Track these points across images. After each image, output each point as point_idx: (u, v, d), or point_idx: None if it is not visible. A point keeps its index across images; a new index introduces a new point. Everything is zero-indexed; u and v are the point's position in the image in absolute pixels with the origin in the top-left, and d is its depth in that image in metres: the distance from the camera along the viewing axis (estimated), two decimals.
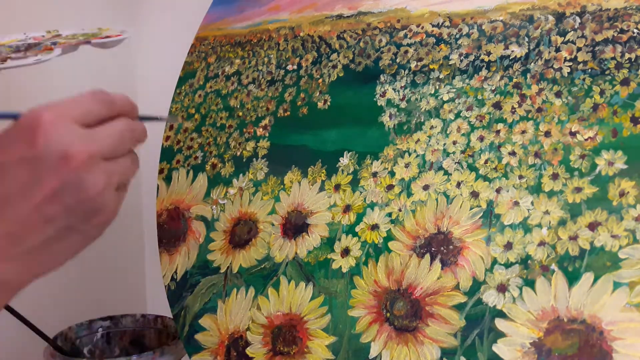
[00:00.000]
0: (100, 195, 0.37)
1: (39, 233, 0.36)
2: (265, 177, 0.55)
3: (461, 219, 0.44)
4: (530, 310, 0.39)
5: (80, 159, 0.35)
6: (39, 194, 0.35)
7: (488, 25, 0.48)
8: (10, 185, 0.35)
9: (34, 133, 0.35)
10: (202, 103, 0.62)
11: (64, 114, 0.36)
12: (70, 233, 0.37)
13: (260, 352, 0.49)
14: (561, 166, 0.42)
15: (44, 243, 0.36)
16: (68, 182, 0.35)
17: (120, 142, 0.39)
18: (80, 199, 0.36)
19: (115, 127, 0.39)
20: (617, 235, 0.38)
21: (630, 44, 0.42)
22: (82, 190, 0.36)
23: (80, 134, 0.36)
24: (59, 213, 0.36)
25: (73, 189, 0.35)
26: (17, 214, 0.35)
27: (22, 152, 0.35)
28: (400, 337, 0.43)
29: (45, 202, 0.35)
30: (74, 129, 0.36)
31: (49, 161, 0.35)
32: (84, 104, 0.38)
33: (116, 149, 0.39)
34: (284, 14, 0.60)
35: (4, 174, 0.35)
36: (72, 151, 0.35)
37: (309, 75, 0.56)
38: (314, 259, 0.49)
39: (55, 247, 0.37)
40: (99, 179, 0.36)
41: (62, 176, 0.35)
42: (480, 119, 0.46)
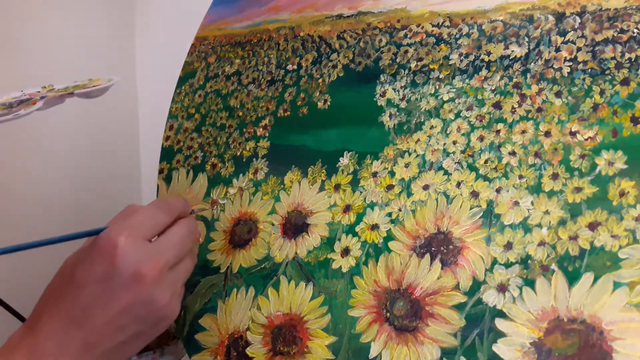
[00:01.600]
0: (169, 305, 0.42)
1: (112, 340, 0.41)
2: (265, 177, 0.55)
3: (461, 219, 0.44)
4: (530, 310, 0.39)
5: (151, 277, 0.40)
6: (115, 308, 0.40)
7: (488, 25, 0.48)
8: (89, 300, 0.40)
9: (111, 255, 0.40)
10: (202, 103, 0.62)
11: (135, 234, 0.41)
12: (139, 337, 0.42)
13: (260, 352, 0.49)
14: (561, 166, 0.42)
15: (115, 347, 0.41)
16: (140, 299, 0.40)
17: (183, 247, 0.44)
18: (151, 310, 0.41)
19: (177, 236, 0.44)
20: (617, 235, 0.38)
21: (630, 43, 0.42)
22: (152, 304, 0.41)
23: (149, 252, 0.41)
24: (131, 323, 0.41)
25: (144, 304, 0.41)
26: (94, 325, 0.40)
27: (101, 272, 0.40)
28: (400, 337, 0.43)
29: (120, 315, 0.40)
30: (144, 248, 0.41)
31: (124, 279, 0.40)
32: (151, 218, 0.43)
33: (180, 254, 0.44)
34: (284, 14, 0.60)
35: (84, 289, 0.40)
36: (143, 271, 0.40)
37: (309, 75, 0.56)
38: (314, 258, 0.49)
39: (126, 348, 0.42)
40: (167, 291, 0.42)
41: (135, 293, 0.40)
42: (480, 119, 0.46)
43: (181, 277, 0.45)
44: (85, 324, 0.40)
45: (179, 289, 0.44)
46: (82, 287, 0.40)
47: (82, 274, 0.41)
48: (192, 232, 0.46)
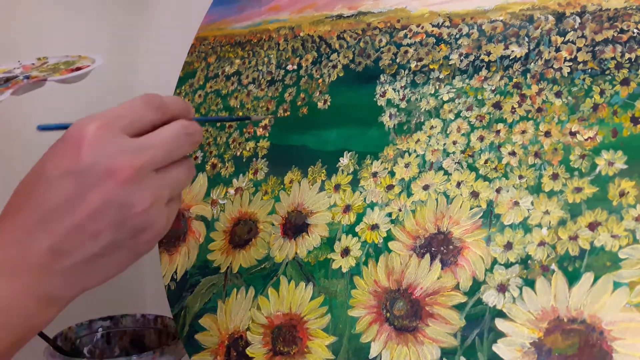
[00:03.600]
0: (148, 211, 0.35)
1: (84, 249, 0.35)
2: (265, 177, 0.55)
3: (461, 219, 0.44)
4: (530, 310, 0.39)
5: (126, 174, 0.34)
6: (84, 209, 0.34)
7: (488, 25, 0.48)
8: (55, 199, 0.34)
9: (78, 146, 0.34)
10: (202, 103, 0.62)
11: (110, 124, 0.35)
12: (116, 250, 0.36)
13: (260, 352, 0.49)
14: (561, 166, 0.42)
15: (89, 259, 0.35)
16: (113, 199, 0.34)
17: (176, 147, 0.37)
18: (126, 215, 0.35)
19: (168, 132, 0.37)
20: (617, 235, 0.38)
21: (630, 44, 0.42)
22: (127, 207, 0.35)
23: (127, 146, 0.35)
24: (104, 230, 0.35)
25: (118, 206, 0.34)
26: (61, 228, 0.34)
27: (67, 165, 0.34)
28: (400, 337, 0.43)
29: (90, 218, 0.34)
30: (121, 141, 0.35)
31: (93, 176, 0.34)
32: (135, 111, 0.37)
33: (169, 156, 0.37)
34: (284, 14, 0.60)
35: (49, 186, 0.35)
36: (117, 165, 0.34)
37: (309, 75, 0.56)
38: (314, 259, 0.49)
39: (101, 263, 0.36)
40: (147, 194, 0.35)
41: (107, 192, 0.34)
42: (480, 119, 0.46)
43: (169, 184, 0.37)
44: (51, 226, 0.34)
45: (164, 196, 0.37)
46: (48, 184, 0.35)
47: (49, 168, 0.35)
48: (189, 134, 0.38)
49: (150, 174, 0.36)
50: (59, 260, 0.35)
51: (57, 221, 0.34)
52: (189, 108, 0.41)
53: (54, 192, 0.34)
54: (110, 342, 0.66)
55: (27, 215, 0.35)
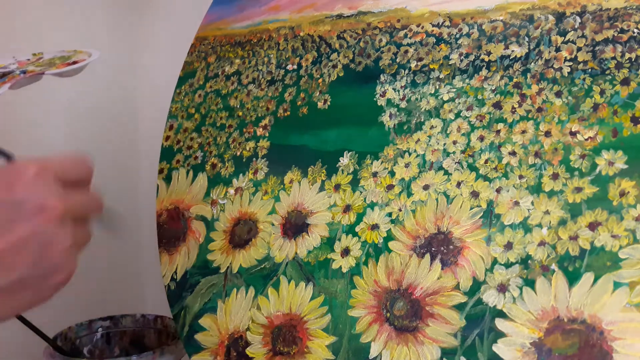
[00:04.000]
0: (65, 253, 0.36)
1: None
2: (265, 177, 0.55)
3: (461, 219, 0.44)
4: (530, 310, 0.39)
5: (55, 213, 0.36)
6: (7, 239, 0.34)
7: (488, 25, 0.48)
8: None
9: (16, 180, 0.35)
10: (202, 103, 0.62)
11: (47, 169, 0.37)
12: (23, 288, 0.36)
13: (260, 352, 0.49)
14: (561, 166, 0.42)
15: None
16: (39, 233, 0.35)
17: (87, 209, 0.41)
18: (46, 252, 0.36)
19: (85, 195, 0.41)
20: (617, 235, 0.38)
21: (631, 43, 0.42)
22: (50, 244, 0.36)
23: (57, 191, 0.37)
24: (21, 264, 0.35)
25: (42, 241, 0.35)
26: None
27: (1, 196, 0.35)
28: (400, 337, 0.43)
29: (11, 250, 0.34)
30: (53, 185, 0.37)
31: (24, 209, 0.35)
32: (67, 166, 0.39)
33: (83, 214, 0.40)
34: (284, 14, 0.60)
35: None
36: (48, 204, 0.35)
37: (309, 75, 0.56)
38: (314, 259, 0.49)
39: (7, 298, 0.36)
40: (68, 237, 0.36)
41: (34, 226, 0.35)
42: (480, 119, 0.46)
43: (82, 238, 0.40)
44: None
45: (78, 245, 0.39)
46: None
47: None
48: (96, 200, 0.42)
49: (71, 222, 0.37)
50: None
51: None
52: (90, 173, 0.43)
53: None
54: (110, 342, 0.66)
55: None
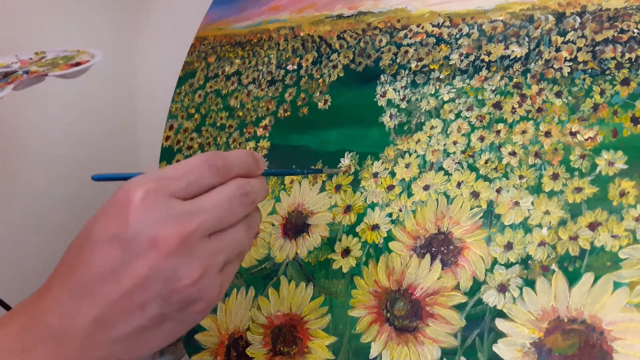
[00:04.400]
0: (197, 283, 0.33)
1: (130, 320, 0.33)
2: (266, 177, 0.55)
3: (461, 219, 0.44)
4: (530, 310, 0.39)
5: (171, 245, 0.32)
6: (129, 278, 0.32)
7: (488, 25, 0.48)
8: (100, 266, 0.32)
9: (126, 211, 0.32)
10: (202, 103, 0.62)
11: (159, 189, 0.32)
12: (165, 321, 0.34)
13: (260, 352, 0.49)
14: (561, 166, 0.42)
15: (136, 331, 0.33)
16: (157, 271, 0.32)
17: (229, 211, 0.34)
18: (173, 289, 0.32)
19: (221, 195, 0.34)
20: (617, 235, 0.38)
21: (631, 43, 0.42)
22: (174, 280, 0.32)
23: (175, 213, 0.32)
24: (151, 301, 0.32)
25: (164, 278, 0.32)
26: (106, 297, 0.32)
27: (113, 231, 0.32)
28: (400, 337, 0.43)
29: (136, 288, 0.32)
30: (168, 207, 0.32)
31: (138, 245, 0.32)
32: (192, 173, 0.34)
33: (223, 221, 0.34)
34: (284, 14, 0.60)
35: (95, 252, 0.32)
36: (160, 235, 0.32)
37: (309, 75, 0.56)
38: (314, 259, 0.49)
39: (148, 336, 0.34)
40: (195, 266, 0.32)
41: (151, 263, 0.32)
42: (480, 119, 0.46)
43: (224, 249, 0.34)
44: (97, 295, 0.32)
45: (217, 264, 0.34)
46: (94, 249, 0.32)
47: (96, 232, 0.33)
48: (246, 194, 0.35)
49: (200, 242, 0.33)
50: (104, 331, 0.32)
51: (103, 290, 0.32)
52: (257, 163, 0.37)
53: (99, 259, 0.32)
54: None
55: (73, 280, 0.33)
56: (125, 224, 0.32)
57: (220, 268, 0.34)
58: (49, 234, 0.76)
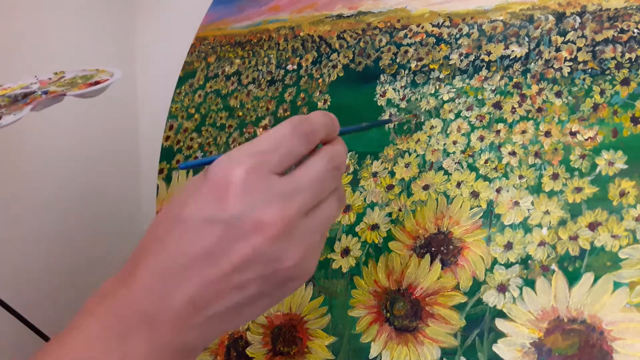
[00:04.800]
0: (299, 264, 0.32)
1: (227, 300, 0.32)
2: None
3: (461, 219, 0.44)
4: (530, 310, 0.39)
5: (276, 228, 0.31)
6: (228, 261, 0.31)
7: (488, 25, 0.48)
8: (197, 247, 0.31)
9: (225, 192, 0.31)
10: (202, 103, 0.62)
11: (258, 167, 0.32)
12: (261, 298, 0.33)
13: (260, 352, 0.49)
14: (561, 166, 0.42)
15: (232, 309, 0.32)
16: (260, 254, 0.31)
17: (324, 184, 0.34)
18: (275, 269, 0.32)
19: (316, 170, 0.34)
20: (617, 235, 0.38)
21: (631, 43, 0.42)
22: (277, 262, 0.32)
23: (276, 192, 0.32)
24: (250, 282, 0.32)
25: (267, 260, 0.31)
26: (203, 278, 0.31)
27: (211, 212, 0.31)
28: (400, 337, 0.43)
29: (235, 270, 0.31)
30: (269, 185, 0.32)
31: (240, 227, 0.31)
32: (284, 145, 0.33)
33: (319, 196, 0.34)
34: (284, 14, 0.60)
35: (191, 232, 0.31)
36: (266, 218, 0.31)
37: (309, 75, 0.56)
38: None
39: (244, 312, 0.33)
40: (298, 246, 0.32)
41: (255, 246, 0.31)
42: (480, 119, 0.46)
43: (319, 226, 0.34)
44: (193, 276, 0.31)
45: (315, 241, 0.33)
46: (190, 229, 0.31)
47: (190, 211, 0.32)
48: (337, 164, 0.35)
49: (300, 222, 0.32)
50: (200, 312, 0.32)
51: (200, 271, 0.31)
52: (334, 123, 0.37)
53: (196, 239, 0.31)
54: None
55: (165, 261, 0.32)
56: (225, 205, 0.31)
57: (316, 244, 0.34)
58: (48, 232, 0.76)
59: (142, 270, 0.32)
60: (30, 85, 0.55)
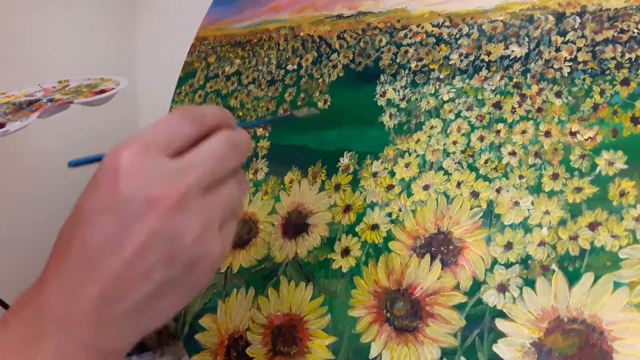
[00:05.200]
0: (200, 240, 0.31)
1: (136, 291, 0.31)
2: (265, 177, 0.55)
3: (461, 219, 0.44)
4: (530, 310, 0.39)
5: (169, 202, 0.30)
6: (129, 247, 0.30)
7: (488, 25, 0.48)
8: (97, 239, 0.31)
9: (115, 177, 0.30)
10: (202, 103, 0.62)
11: (146, 148, 0.31)
12: (172, 287, 0.32)
13: (260, 352, 0.49)
14: (561, 166, 0.42)
15: (143, 301, 0.31)
16: (158, 231, 0.30)
17: (222, 162, 0.33)
18: (176, 248, 0.31)
19: (212, 147, 0.33)
20: (617, 235, 0.38)
21: (630, 43, 0.42)
22: (176, 239, 0.31)
23: (168, 169, 0.31)
24: (155, 266, 0.31)
25: (166, 238, 0.31)
26: (108, 270, 0.30)
27: (105, 200, 0.31)
28: (400, 337, 0.43)
29: (137, 256, 0.30)
30: (159, 164, 0.31)
31: (133, 208, 0.30)
32: (171, 127, 0.33)
33: (216, 173, 0.33)
34: (284, 14, 0.60)
35: (90, 225, 0.31)
36: (158, 194, 0.30)
37: (309, 75, 0.56)
38: (314, 259, 0.49)
39: (157, 304, 0.32)
40: (196, 221, 0.31)
41: (151, 224, 0.30)
42: (480, 119, 0.46)
43: (220, 205, 0.33)
44: (97, 269, 0.30)
45: (216, 219, 0.33)
46: (89, 223, 0.31)
47: (88, 205, 0.31)
48: (235, 145, 0.34)
49: (197, 198, 0.32)
50: (111, 306, 0.31)
51: (103, 263, 0.31)
52: (229, 116, 0.36)
53: (95, 231, 0.31)
54: None
55: (71, 259, 0.31)
56: (116, 190, 0.30)
57: (219, 225, 0.33)
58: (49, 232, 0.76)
59: (50, 273, 0.32)
60: (34, 93, 0.55)
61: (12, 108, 0.52)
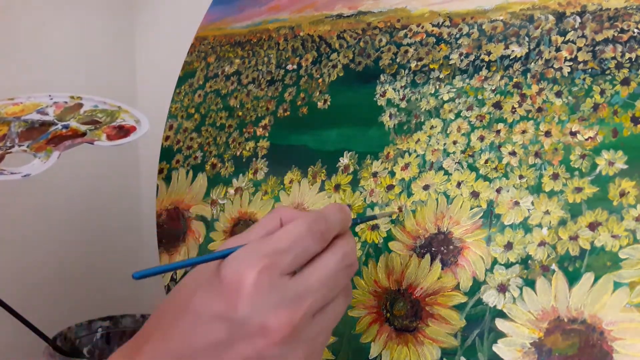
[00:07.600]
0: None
1: None
2: (265, 177, 0.54)
3: (461, 219, 0.44)
4: (530, 310, 0.39)
5: (282, 334, 0.31)
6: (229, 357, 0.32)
7: (488, 25, 0.48)
8: (203, 339, 0.32)
9: (236, 293, 0.31)
10: (201, 103, 0.62)
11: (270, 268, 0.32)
12: None
13: None
14: (561, 166, 0.42)
15: None
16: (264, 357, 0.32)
17: (335, 284, 0.34)
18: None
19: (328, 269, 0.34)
20: (617, 235, 0.38)
21: (631, 43, 0.42)
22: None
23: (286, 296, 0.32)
24: None
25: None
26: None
27: (221, 310, 0.32)
28: (400, 338, 0.43)
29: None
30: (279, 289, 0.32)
31: (246, 330, 0.31)
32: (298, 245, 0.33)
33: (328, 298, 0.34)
34: (284, 14, 0.60)
35: (199, 325, 0.32)
36: (273, 324, 0.31)
37: (308, 75, 0.56)
38: None
39: None
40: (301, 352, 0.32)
41: (259, 349, 0.31)
42: (480, 119, 0.46)
43: (326, 329, 0.34)
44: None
45: (319, 344, 0.34)
46: (198, 322, 0.32)
47: (200, 305, 0.32)
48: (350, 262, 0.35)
49: (307, 325, 0.33)
50: None
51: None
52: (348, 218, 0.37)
53: (203, 332, 0.32)
54: (110, 343, 0.66)
55: (168, 350, 0.33)
56: (234, 305, 0.31)
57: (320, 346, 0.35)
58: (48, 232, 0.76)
59: (147, 348, 0.33)
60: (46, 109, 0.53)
61: (24, 125, 0.51)
